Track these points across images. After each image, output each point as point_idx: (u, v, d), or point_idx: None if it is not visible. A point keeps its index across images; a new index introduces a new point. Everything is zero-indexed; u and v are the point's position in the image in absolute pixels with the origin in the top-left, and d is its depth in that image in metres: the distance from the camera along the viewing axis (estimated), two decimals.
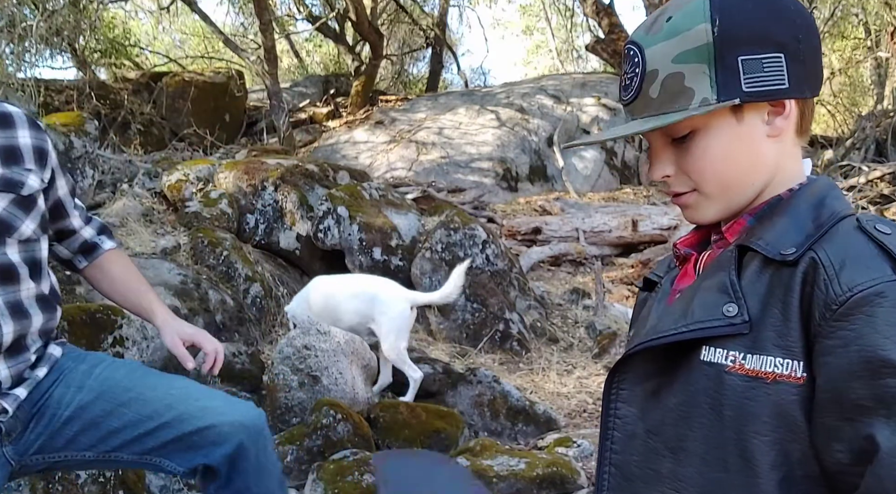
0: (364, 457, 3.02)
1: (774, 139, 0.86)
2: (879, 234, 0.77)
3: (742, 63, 0.82)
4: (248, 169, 5.70)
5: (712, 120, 0.85)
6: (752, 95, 0.83)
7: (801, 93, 0.85)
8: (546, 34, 17.24)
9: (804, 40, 0.84)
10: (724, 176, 0.87)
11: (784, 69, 0.83)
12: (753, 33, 0.83)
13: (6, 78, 7.02)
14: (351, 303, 4.01)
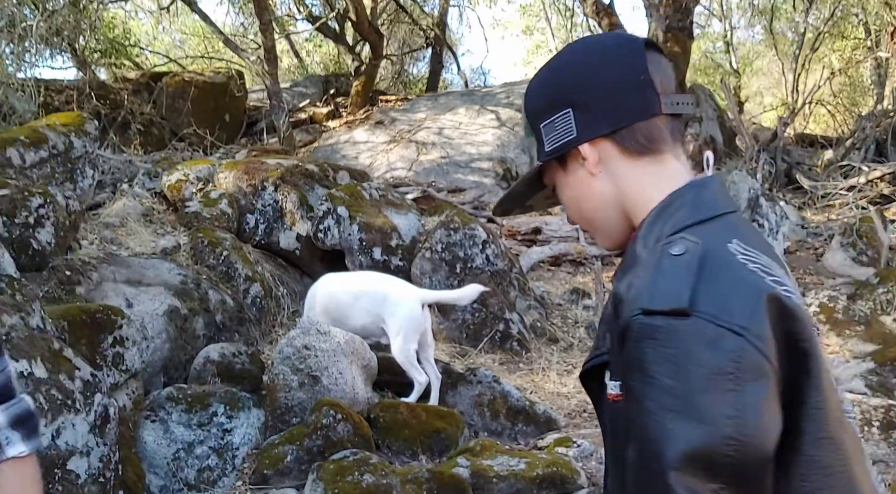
0: (364, 457, 3.02)
1: (597, 175, 0.98)
2: (663, 260, 0.84)
3: (543, 129, 1.00)
4: (248, 169, 5.70)
5: (556, 175, 1.03)
6: (549, 153, 1.00)
7: (593, 134, 0.96)
8: (546, 34, 17.24)
9: (592, 87, 0.97)
10: (581, 215, 1.03)
11: (572, 121, 0.97)
12: (543, 103, 1.00)
13: (6, 78, 7.01)
14: (360, 303, 3.98)
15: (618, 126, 0.95)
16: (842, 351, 4.74)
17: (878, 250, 6.80)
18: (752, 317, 0.79)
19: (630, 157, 0.96)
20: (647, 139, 0.96)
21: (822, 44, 12.72)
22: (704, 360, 0.77)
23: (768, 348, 0.78)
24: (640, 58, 0.97)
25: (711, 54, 16.96)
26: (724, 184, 0.99)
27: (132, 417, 3.24)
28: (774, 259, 0.89)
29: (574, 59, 1.00)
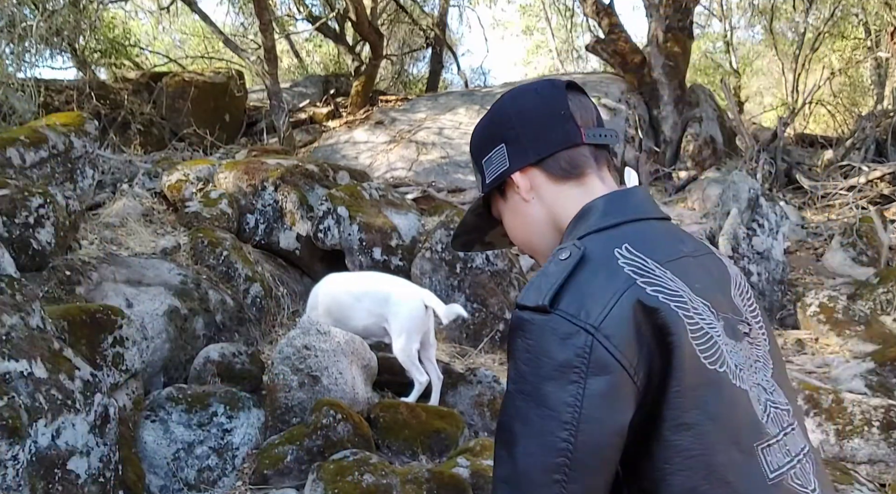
0: (364, 457, 3.02)
1: (530, 201, 1.11)
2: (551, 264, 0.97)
3: (483, 165, 1.16)
4: (248, 169, 5.70)
5: (499, 205, 1.17)
6: (489, 185, 1.15)
7: (522, 164, 1.11)
8: (546, 34, 17.23)
9: (519, 124, 1.13)
10: (521, 239, 1.16)
11: (505, 154, 1.13)
12: (482, 141, 1.18)
13: (6, 78, 7.01)
14: (363, 303, 3.97)
15: (543, 155, 1.10)
16: (842, 351, 4.74)
17: (878, 250, 6.80)
18: (607, 318, 0.88)
19: (556, 182, 1.10)
20: (570, 165, 1.09)
21: (822, 44, 12.72)
22: (555, 353, 0.89)
23: (620, 347, 0.88)
24: (561, 96, 1.12)
25: (711, 54, 16.95)
26: (642, 194, 1.10)
27: (132, 417, 3.24)
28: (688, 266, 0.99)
29: (507, 102, 1.18)
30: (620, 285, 0.91)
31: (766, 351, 1.03)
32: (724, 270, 1.08)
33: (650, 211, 1.06)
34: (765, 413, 0.95)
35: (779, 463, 0.93)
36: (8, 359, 2.42)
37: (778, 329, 5.24)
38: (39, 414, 2.47)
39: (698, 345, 0.91)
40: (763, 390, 0.98)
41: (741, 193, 6.19)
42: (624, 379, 0.87)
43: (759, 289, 5.50)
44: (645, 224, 1.02)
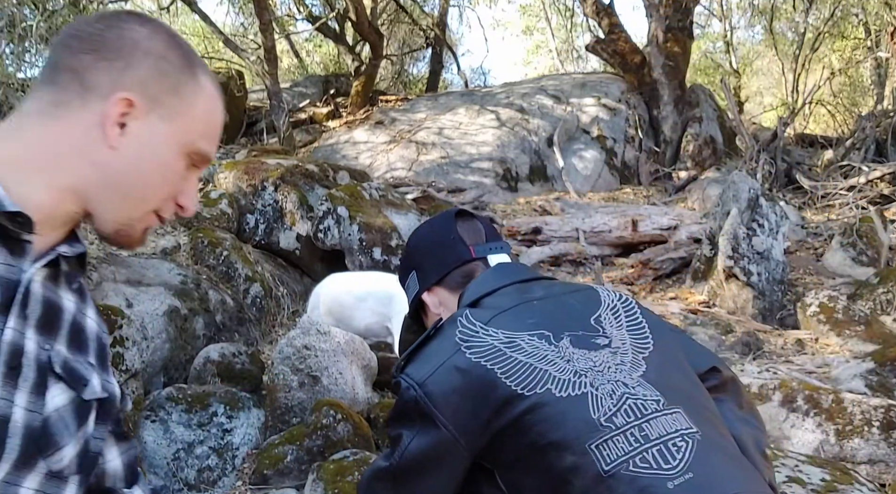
0: (364, 457, 3.02)
1: (441, 314, 1.34)
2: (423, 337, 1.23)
3: (406, 289, 1.43)
4: (248, 169, 5.70)
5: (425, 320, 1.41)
6: (410, 305, 1.42)
7: (429, 283, 1.35)
8: (546, 34, 17.24)
9: (420, 254, 1.39)
10: None
11: (416, 280, 1.38)
12: (402, 272, 1.45)
13: (6, 78, 7.02)
14: (366, 303, 3.97)
15: (441, 275, 1.33)
16: (842, 351, 4.74)
17: (878, 250, 6.80)
18: (429, 378, 1.11)
19: (456, 293, 1.30)
20: (465, 277, 1.31)
21: (822, 44, 12.72)
22: (398, 402, 1.15)
23: (437, 401, 1.09)
24: (450, 223, 1.36)
25: (711, 54, 16.96)
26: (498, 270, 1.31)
27: (132, 417, 3.24)
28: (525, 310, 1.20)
29: (412, 239, 1.43)
30: (448, 351, 1.12)
31: (641, 357, 1.15)
32: (590, 300, 1.25)
33: (508, 278, 1.27)
34: (615, 406, 1.06)
35: (618, 454, 1.01)
36: None
37: (778, 329, 5.24)
38: None
39: (512, 381, 1.08)
40: (623, 385, 1.09)
41: (741, 193, 6.19)
42: (435, 426, 1.09)
43: (759, 289, 5.50)
44: (500, 291, 1.23)
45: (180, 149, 0.92)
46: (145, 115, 0.89)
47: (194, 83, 0.92)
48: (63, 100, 0.88)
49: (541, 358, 1.10)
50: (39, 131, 0.88)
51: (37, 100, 0.90)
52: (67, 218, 0.90)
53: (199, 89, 0.93)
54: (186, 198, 0.96)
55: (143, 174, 0.90)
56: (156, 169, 0.91)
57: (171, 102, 0.90)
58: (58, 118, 0.88)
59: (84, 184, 0.88)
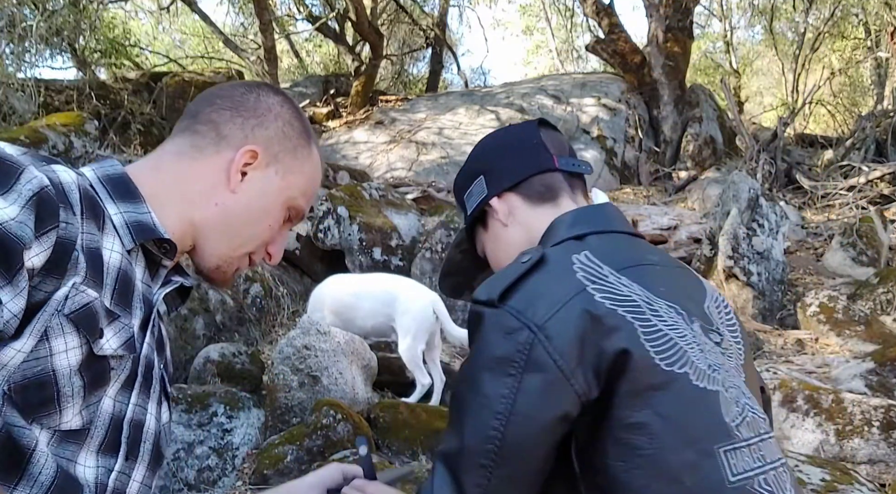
0: None
1: (509, 225, 1.17)
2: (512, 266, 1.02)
3: (466, 200, 1.23)
4: None
5: (482, 237, 1.23)
6: (471, 214, 1.22)
7: (499, 189, 1.18)
8: (546, 34, 17.23)
9: (497, 155, 1.22)
10: (504, 264, 1.11)
11: (483, 184, 1.20)
12: (464, 181, 1.24)
13: (6, 78, 7.02)
14: (371, 303, 3.97)
15: (518, 179, 1.16)
16: (842, 351, 4.74)
17: (878, 250, 6.80)
18: (551, 320, 0.92)
19: (532, 205, 1.15)
20: (545, 188, 1.16)
21: (822, 44, 12.72)
22: (497, 346, 0.93)
23: (559, 349, 0.91)
24: (533, 129, 1.21)
25: (711, 54, 16.96)
26: (612, 210, 1.16)
27: None
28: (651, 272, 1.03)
29: (484, 142, 1.26)
30: (570, 290, 0.94)
31: (739, 364, 1.04)
32: (699, 284, 1.12)
33: (618, 225, 1.11)
34: (740, 416, 0.96)
35: (745, 467, 0.93)
36: None
37: (778, 329, 5.24)
38: None
39: (653, 347, 0.93)
40: (742, 394, 0.99)
41: (741, 193, 6.19)
42: (559, 381, 0.91)
43: (759, 289, 5.50)
44: (610, 235, 1.07)
45: (285, 202, 1.04)
46: (264, 168, 1.01)
47: (308, 150, 1.09)
48: (201, 146, 1.00)
49: (681, 336, 0.96)
50: (179, 169, 0.99)
51: (177, 143, 1.02)
52: (185, 248, 1.00)
53: (311, 155, 1.09)
54: (275, 247, 1.06)
55: (252, 218, 1.01)
56: (262, 215, 1.02)
57: (287, 161, 1.04)
58: (195, 159, 0.99)
59: (204, 220, 0.98)
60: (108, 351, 0.84)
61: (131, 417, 0.89)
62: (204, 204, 0.98)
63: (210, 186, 0.98)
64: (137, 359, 0.90)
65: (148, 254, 0.95)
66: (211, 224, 0.98)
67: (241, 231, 1.01)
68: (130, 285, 0.90)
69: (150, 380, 0.93)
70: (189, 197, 0.97)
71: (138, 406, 0.90)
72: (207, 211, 0.98)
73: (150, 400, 0.93)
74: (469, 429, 0.94)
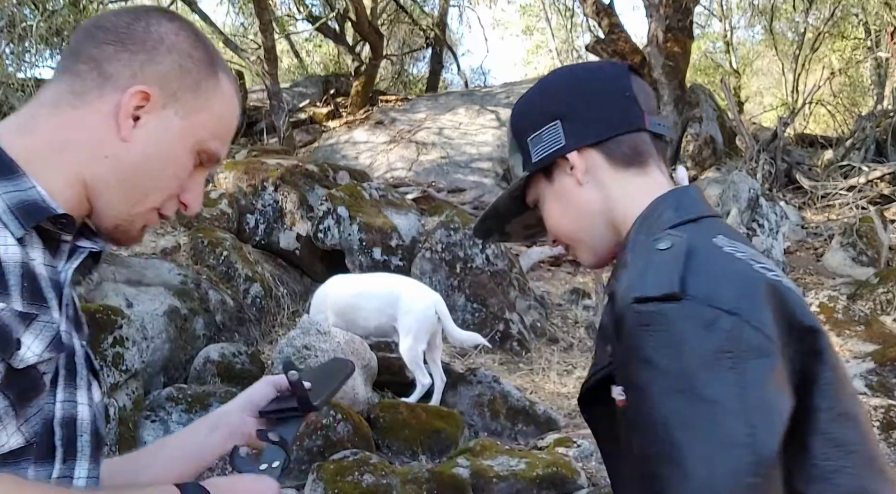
0: (364, 457, 3.02)
1: (584, 185, 1.00)
2: (650, 255, 0.87)
3: (530, 142, 1.03)
4: (248, 169, 5.70)
5: (539, 189, 1.04)
6: (537, 163, 1.01)
7: (582, 142, 0.99)
8: (546, 34, 17.23)
9: (581, 100, 1.02)
10: (564, 228, 1.03)
11: (560, 131, 1.00)
12: (532, 117, 1.04)
13: (6, 78, 7.02)
14: (373, 304, 3.98)
15: (604, 136, 0.99)
16: (842, 351, 4.74)
17: (878, 250, 6.80)
18: (744, 300, 0.79)
19: (616, 168, 0.99)
20: (633, 151, 0.99)
21: (822, 44, 12.72)
22: (701, 341, 0.78)
23: (766, 327, 0.78)
24: (625, 77, 1.02)
25: (711, 54, 16.96)
26: (703, 193, 1.02)
27: (132, 417, 3.23)
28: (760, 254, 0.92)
29: (562, 78, 1.07)
30: (743, 269, 0.83)
31: None
32: None
33: (712, 208, 1.00)
34: None
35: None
36: None
37: None
38: None
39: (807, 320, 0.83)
40: None
41: (741, 193, 6.19)
42: (778, 360, 0.78)
43: None
44: (716, 219, 0.96)
45: (191, 146, 0.89)
46: (161, 110, 0.87)
47: (214, 82, 0.91)
48: (82, 90, 0.85)
49: None
50: (58, 122, 0.85)
51: (54, 89, 0.87)
52: (84, 213, 0.88)
53: (217, 89, 0.91)
54: (191, 196, 0.92)
55: (151, 168, 0.87)
56: (164, 163, 0.88)
57: (189, 99, 0.88)
58: (76, 108, 0.85)
59: (95, 176, 0.85)
60: (31, 360, 0.75)
61: (62, 416, 0.81)
62: (93, 159, 0.84)
63: (97, 137, 0.84)
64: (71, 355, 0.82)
65: (43, 231, 0.82)
66: (104, 180, 0.85)
67: (140, 184, 0.87)
68: (37, 276, 0.79)
69: (73, 368, 0.83)
70: (74, 154, 0.84)
71: (66, 401, 0.81)
72: (98, 166, 0.84)
73: (78, 390, 0.83)
74: (711, 449, 0.74)
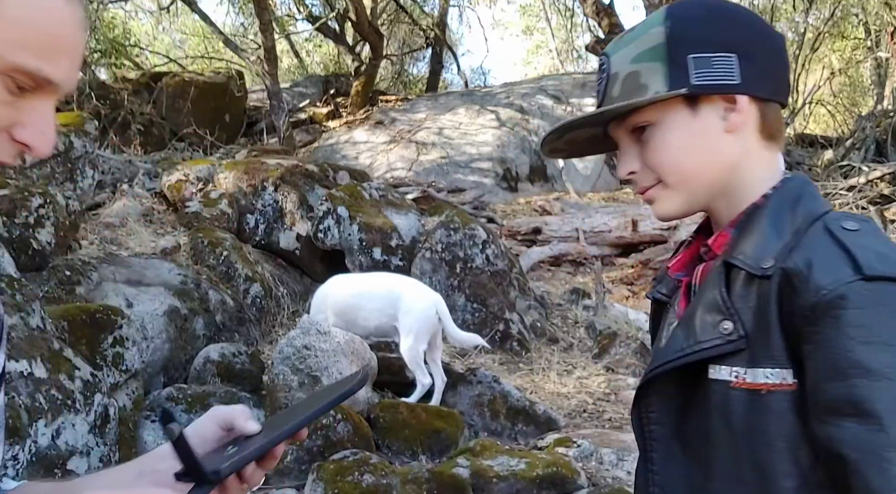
0: (364, 457, 3.02)
1: (732, 134, 0.88)
2: (843, 233, 0.80)
3: (692, 60, 0.87)
4: (248, 169, 5.70)
5: (669, 114, 0.89)
6: (700, 87, 0.87)
7: (756, 91, 0.88)
8: (546, 34, 17.24)
9: (760, 46, 0.90)
10: (682, 167, 0.90)
11: (736, 67, 0.87)
12: (703, 35, 0.89)
13: None
14: (374, 304, 3.98)
15: (772, 96, 0.91)
16: None
17: None
18: None
19: (760, 133, 0.90)
20: (779, 123, 0.93)
21: (822, 44, 12.72)
22: None
23: None
24: (784, 47, 0.94)
25: None
26: None
27: (132, 417, 3.23)
28: None
29: (737, 13, 0.93)
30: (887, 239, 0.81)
31: None
32: None
33: None
34: None
35: None
36: (8, 359, 2.42)
37: None
38: (39, 414, 2.47)
39: None
40: None
41: None
42: None
43: None
44: None
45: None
46: None
47: None
48: None
49: None
50: None
51: None
52: None
53: None
54: (28, 133, 0.66)
55: None
56: None
57: None
58: None
59: None
60: None
61: None
62: None
63: None
64: None
65: None
66: None
67: None
68: None
69: None
70: None
71: None
72: None
73: None
74: None
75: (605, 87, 0.93)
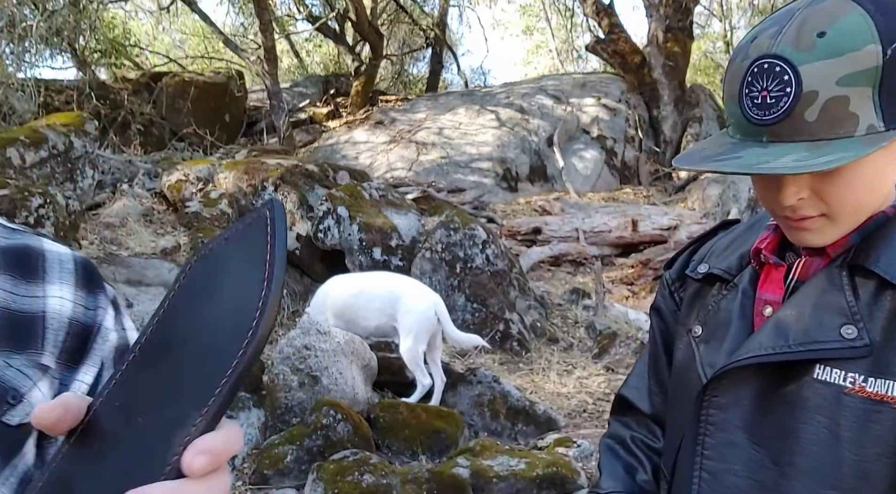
0: (364, 457, 3.02)
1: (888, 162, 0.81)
2: None
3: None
4: (248, 169, 5.70)
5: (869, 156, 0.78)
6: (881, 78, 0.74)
7: None
8: (546, 34, 17.24)
9: None
10: (862, 202, 0.82)
11: None
12: None
13: (6, 78, 7.02)
14: (373, 304, 3.98)
15: None
16: None
17: None
18: None
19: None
20: None
21: None
22: None
23: None
24: None
25: (711, 54, 16.97)
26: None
27: None
28: None
29: None
30: None
31: None
32: None
33: None
34: None
35: None
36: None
37: None
38: None
39: None
40: None
41: (741, 193, 6.20)
42: None
43: None
44: None
45: None
46: None
47: None
48: None
49: None
50: None
51: None
52: None
53: None
54: None
55: None
56: None
57: None
58: None
59: None
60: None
61: None
62: None
63: None
64: None
65: None
66: None
67: None
68: None
69: None
70: None
71: None
72: None
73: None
74: None
75: (793, 104, 0.76)
